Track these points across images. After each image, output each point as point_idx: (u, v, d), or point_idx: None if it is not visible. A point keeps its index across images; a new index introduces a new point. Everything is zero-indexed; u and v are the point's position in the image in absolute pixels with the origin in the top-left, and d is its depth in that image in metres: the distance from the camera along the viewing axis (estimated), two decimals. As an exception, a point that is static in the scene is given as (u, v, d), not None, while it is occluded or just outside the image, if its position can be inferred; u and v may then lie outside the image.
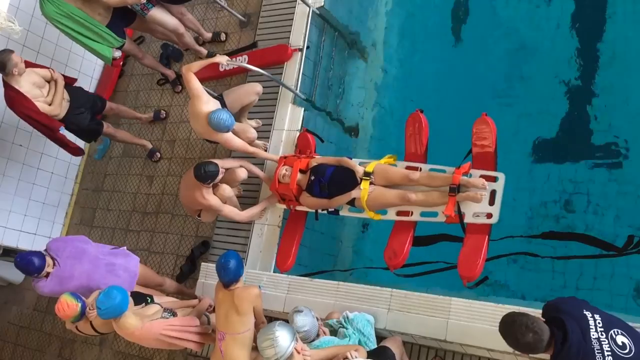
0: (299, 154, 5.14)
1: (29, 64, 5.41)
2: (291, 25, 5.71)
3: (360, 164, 4.77)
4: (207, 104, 4.78)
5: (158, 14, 5.64)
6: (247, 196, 5.47)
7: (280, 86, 5.46)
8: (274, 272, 5.06)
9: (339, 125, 5.87)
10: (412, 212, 4.54)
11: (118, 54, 5.69)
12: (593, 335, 2.65)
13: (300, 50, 5.54)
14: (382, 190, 4.59)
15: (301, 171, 4.92)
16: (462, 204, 4.28)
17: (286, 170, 4.95)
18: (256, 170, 5.24)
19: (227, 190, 5.01)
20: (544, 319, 2.78)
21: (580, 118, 5.33)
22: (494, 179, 4.26)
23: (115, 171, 6.76)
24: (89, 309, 4.16)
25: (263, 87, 5.41)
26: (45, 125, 5.51)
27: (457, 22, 6.15)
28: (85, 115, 5.75)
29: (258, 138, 5.39)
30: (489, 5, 6.05)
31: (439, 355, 4.27)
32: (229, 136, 4.84)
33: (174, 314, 4.34)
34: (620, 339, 2.66)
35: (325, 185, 4.77)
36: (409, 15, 6.32)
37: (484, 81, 5.71)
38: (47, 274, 4.46)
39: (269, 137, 5.49)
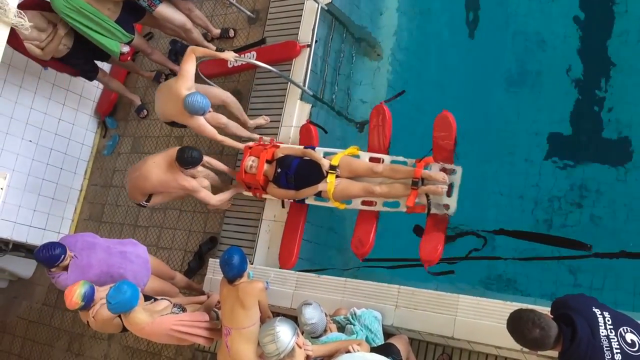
0: (264, 145, 5.25)
1: (38, 4, 5.43)
2: (300, 21, 5.71)
3: (324, 154, 4.94)
4: (189, 89, 4.85)
5: (165, 10, 5.66)
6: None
7: (289, 82, 5.47)
8: (281, 268, 5.07)
9: (346, 122, 5.86)
10: (375, 202, 4.75)
11: (126, 49, 5.73)
12: (602, 332, 2.63)
13: (309, 46, 5.54)
14: (348, 183, 4.77)
15: (267, 161, 5.06)
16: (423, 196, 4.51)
17: (252, 161, 5.08)
18: (222, 165, 5.38)
19: (205, 182, 5.21)
20: (552, 316, 2.77)
21: (590, 116, 5.30)
22: (452, 172, 4.50)
23: (123, 167, 6.79)
24: (93, 307, 4.20)
25: (271, 83, 5.49)
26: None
27: (468, 18, 6.12)
28: (80, 63, 5.98)
29: (266, 134, 5.45)
30: (501, 2, 6.02)
31: (447, 353, 4.27)
32: (203, 122, 4.95)
33: (184, 310, 4.35)
34: (629, 336, 2.65)
35: (292, 178, 4.91)
36: (419, 12, 6.29)
37: (494, 77, 5.68)
38: (66, 267, 4.48)
39: (277, 134, 5.49)
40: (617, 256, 4.51)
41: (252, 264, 5.18)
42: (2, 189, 4.29)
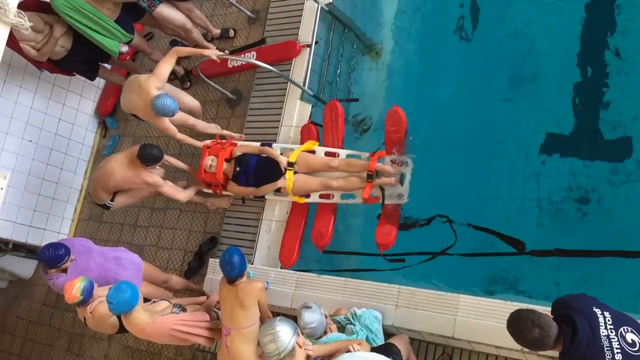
0: (222, 143, 5.42)
1: (36, 5, 5.44)
2: (300, 21, 5.72)
3: (281, 150, 5.22)
4: (159, 90, 4.99)
5: (165, 10, 5.66)
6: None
7: (289, 82, 5.47)
8: (281, 268, 5.07)
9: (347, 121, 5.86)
10: (333, 195, 5.03)
11: (125, 48, 5.72)
12: (602, 332, 2.63)
13: (309, 46, 5.55)
14: (306, 178, 5.02)
15: (226, 160, 5.24)
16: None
17: (212, 160, 5.25)
18: (181, 164, 5.63)
19: (169, 183, 5.41)
20: (552, 316, 2.76)
21: (590, 116, 5.28)
22: (404, 163, 4.88)
23: (123, 167, 6.77)
24: (91, 303, 4.23)
25: (271, 83, 5.51)
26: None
27: (467, 19, 6.11)
28: (78, 65, 5.94)
29: (266, 134, 5.47)
30: (499, 4, 6.01)
31: (447, 353, 4.26)
32: (168, 123, 5.13)
33: (184, 310, 4.36)
34: (630, 336, 2.64)
35: (251, 176, 5.13)
36: (419, 12, 6.28)
37: (494, 77, 5.67)
38: (65, 270, 4.55)
39: (277, 134, 5.50)
40: (551, 254, 4.64)
41: (252, 264, 5.18)
42: (2, 188, 4.29)
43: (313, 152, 5.13)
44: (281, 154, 5.14)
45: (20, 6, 4.79)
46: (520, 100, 5.51)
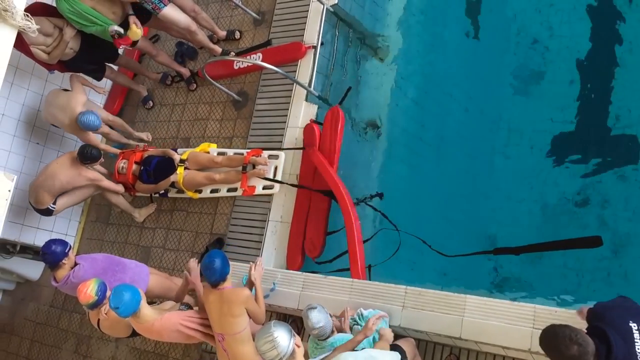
0: (135, 149, 6.19)
1: (45, 9, 5.54)
2: (305, 22, 5.72)
3: (183, 153, 5.80)
4: (84, 106, 5.75)
5: (170, 12, 5.66)
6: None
7: (294, 84, 5.47)
8: (288, 269, 5.07)
9: (354, 123, 5.86)
10: (220, 189, 5.68)
11: (117, 29, 5.54)
12: (638, 349, 2.59)
13: (314, 47, 5.55)
14: (194, 173, 5.68)
15: (136, 163, 5.99)
16: (252, 180, 5.42)
17: (124, 163, 6.02)
18: (102, 169, 6.19)
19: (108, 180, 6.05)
20: (588, 324, 2.71)
21: (597, 117, 5.28)
22: (277, 157, 5.40)
23: (130, 169, 6.79)
24: (104, 305, 4.25)
25: (277, 84, 5.54)
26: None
27: (473, 19, 6.11)
28: (86, 65, 6.11)
29: (272, 135, 5.52)
30: (504, 2, 6.01)
31: (454, 353, 4.25)
32: (91, 136, 5.94)
33: (190, 308, 4.38)
34: None
35: (151, 173, 5.84)
36: (424, 13, 6.29)
37: (500, 77, 5.67)
38: (73, 263, 4.67)
39: (283, 135, 5.50)
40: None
41: (258, 265, 5.19)
42: (9, 191, 4.31)
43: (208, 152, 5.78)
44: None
45: (29, 10, 4.83)
46: (525, 98, 5.52)
